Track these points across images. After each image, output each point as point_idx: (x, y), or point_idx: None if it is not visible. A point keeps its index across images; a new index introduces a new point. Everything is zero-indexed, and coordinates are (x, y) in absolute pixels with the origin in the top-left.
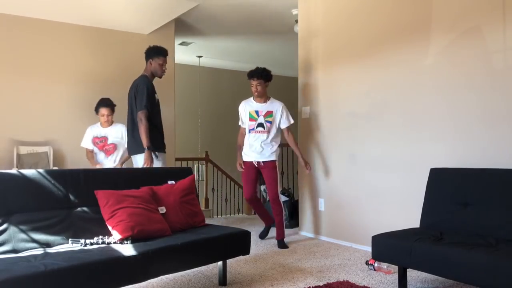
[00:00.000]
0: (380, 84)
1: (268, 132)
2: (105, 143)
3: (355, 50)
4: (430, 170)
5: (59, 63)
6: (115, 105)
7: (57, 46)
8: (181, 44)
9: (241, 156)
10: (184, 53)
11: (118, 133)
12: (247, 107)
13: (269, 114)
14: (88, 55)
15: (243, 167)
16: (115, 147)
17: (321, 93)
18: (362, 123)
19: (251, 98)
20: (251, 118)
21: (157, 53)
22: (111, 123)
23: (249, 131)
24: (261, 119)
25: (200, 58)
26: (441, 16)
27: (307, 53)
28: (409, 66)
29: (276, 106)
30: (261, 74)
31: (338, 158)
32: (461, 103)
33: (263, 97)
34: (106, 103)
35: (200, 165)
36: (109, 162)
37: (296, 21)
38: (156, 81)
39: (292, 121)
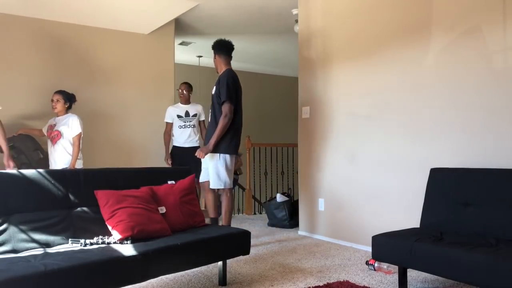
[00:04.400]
0: (380, 84)
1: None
2: (51, 131)
3: (355, 50)
4: (430, 170)
5: (58, 62)
6: (67, 94)
7: (57, 45)
8: (181, 44)
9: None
10: (184, 53)
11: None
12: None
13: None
14: (87, 55)
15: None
16: (59, 134)
17: (321, 93)
18: (362, 123)
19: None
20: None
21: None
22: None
23: None
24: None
25: (200, 58)
26: (441, 16)
27: (307, 53)
28: (409, 66)
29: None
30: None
31: (338, 158)
32: (461, 103)
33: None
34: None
35: None
36: (55, 150)
37: (296, 21)
38: (156, 81)
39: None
